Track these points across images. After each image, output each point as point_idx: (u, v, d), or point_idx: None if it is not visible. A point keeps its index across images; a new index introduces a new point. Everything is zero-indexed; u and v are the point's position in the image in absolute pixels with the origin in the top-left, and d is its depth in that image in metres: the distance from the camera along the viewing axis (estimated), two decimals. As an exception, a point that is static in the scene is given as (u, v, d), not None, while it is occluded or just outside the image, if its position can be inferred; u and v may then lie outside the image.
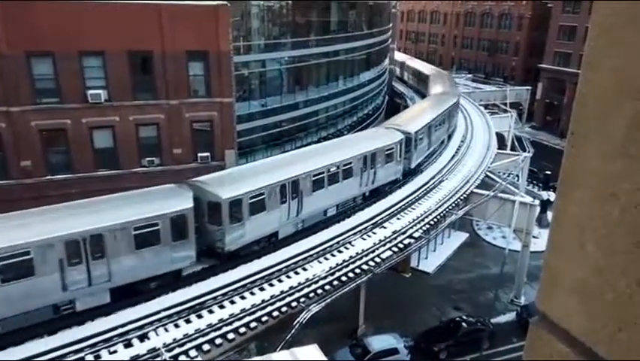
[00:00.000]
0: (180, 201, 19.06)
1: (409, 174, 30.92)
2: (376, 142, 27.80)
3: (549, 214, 38.45)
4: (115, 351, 15.71)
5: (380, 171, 27.53)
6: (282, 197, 22.10)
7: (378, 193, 28.04)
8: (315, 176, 23.64)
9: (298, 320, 18.19)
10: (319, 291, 19.66)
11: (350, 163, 25.47)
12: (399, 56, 75.09)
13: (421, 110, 37.53)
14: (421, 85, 58.17)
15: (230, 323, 17.27)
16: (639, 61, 1.11)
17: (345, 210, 26.11)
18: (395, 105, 62.21)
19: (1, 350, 15.19)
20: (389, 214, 25.78)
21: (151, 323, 16.85)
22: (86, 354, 15.42)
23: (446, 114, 37.28)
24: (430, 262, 34.13)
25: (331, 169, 24.51)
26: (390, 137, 28.90)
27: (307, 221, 23.95)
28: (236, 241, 20.37)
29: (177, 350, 15.89)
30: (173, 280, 19.04)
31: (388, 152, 27.97)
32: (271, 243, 22.28)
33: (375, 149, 27.04)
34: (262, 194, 21.14)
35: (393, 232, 24.08)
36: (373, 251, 22.37)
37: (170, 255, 18.63)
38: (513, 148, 45.48)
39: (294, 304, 18.70)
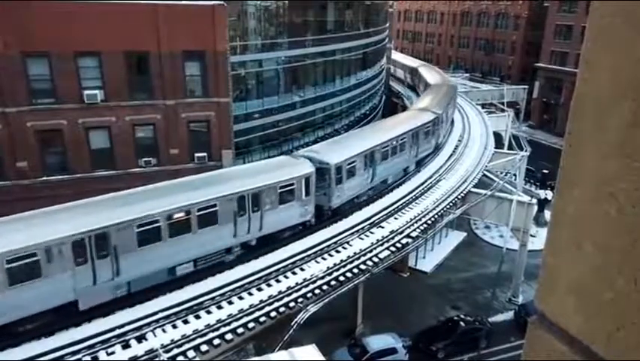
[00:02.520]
0: None
1: (333, 214, 24.63)
2: (266, 177, 21.62)
3: (546, 213, 38.55)
4: (113, 352, 15.69)
5: (271, 215, 21.47)
6: (79, 256, 16.40)
7: (274, 242, 22.03)
8: (142, 226, 17.68)
9: (296, 320, 18.20)
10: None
11: (213, 206, 19.52)
12: (409, 61, 67.31)
13: (371, 132, 31.09)
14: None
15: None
16: (636, 61, 1.11)
17: (210, 267, 20.04)
18: (393, 105, 62.28)
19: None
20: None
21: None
22: (84, 355, 15.39)
23: (408, 138, 30.10)
24: (428, 261, 34.17)
25: (175, 215, 18.57)
26: (293, 169, 22.74)
27: (137, 284, 18.01)
28: None
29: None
30: None
31: (285, 189, 21.88)
32: (67, 316, 16.62)
33: (260, 186, 20.99)
34: (32, 255, 15.53)
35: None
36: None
37: None
38: (510, 147, 45.57)
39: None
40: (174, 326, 16.95)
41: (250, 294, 18.89)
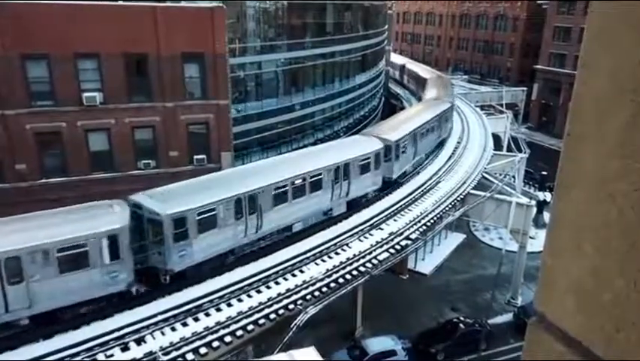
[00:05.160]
0: None
1: (175, 279, 18.93)
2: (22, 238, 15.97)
3: (545, 215, 38.56)
4: (112, 355, 15.66)
5: (51, 284, 16.13)
6: None
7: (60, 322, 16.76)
8: None
9: (295, 322, 18.17)
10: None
11: None
12: (421, 70, 59.86)
13: (269, 166, 24.30)
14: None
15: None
16: (635, 62, 1.11)
17: None
18: (392, 106, 62.35)
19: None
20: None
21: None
22: (83, 357, 15.36)
23: (327, 174, 24.33)
24: (427, 263, 34.15)
25: None
26: (85, 224, 17.08)
27: None
28: None
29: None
30: None
31: (69, 253, 16.45)
32: None
33: (35, 246, 15.83)
34: None
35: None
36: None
37: None
38: (509, 149, 45.59)
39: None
40: (173, 329, 16.93)
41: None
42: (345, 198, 26.01)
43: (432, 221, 26.46)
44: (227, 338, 16.86)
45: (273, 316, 18.12)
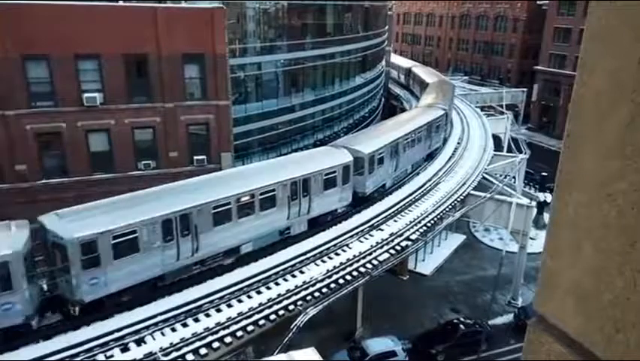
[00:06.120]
0: None
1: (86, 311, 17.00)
2: None
3: (546, 216, 38.55)
4: (111, 356, 15.65)
5: None
6: None
7: None
8: None
9: (295, 323, 18.16)
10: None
11: None
12: (426, 75, 56.08)
13: (217, 181, 21.78)
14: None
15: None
16: (635, 62, 1.11)
17: None
18: (392, 107, 62.38)
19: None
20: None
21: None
22: (82, 358, 15.35)
23: (281, 189, 22.23)
24: (427, 264, 34.14)
25: None
26: None
27: None
28: None
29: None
30: None
31: None
32: None
33: None
34: None
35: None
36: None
37: None
38: (509, 150, 45.57)
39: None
40: (173, 330, 16.92)
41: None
42: (307, 215, 23.63)
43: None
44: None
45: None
